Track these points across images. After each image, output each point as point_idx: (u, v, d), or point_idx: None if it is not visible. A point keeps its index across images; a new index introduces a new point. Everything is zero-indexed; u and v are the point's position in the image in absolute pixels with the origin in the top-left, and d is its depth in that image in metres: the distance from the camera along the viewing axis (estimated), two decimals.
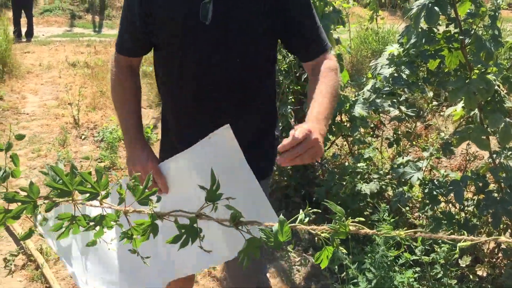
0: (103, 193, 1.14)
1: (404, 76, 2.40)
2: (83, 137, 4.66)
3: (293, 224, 1.01)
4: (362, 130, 2.93)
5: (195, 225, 1.02)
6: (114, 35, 9.87)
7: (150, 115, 5.32)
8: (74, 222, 1.14)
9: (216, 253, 1.26)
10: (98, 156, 4.20)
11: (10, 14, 10.73)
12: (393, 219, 2.38)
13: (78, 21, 11.30)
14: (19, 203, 1.08)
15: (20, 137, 1.44)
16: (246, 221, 1.04)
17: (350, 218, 0.96)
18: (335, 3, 3.34)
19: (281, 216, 0.99)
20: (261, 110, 1.55)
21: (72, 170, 1.16)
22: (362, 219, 0.82)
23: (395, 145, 3.08)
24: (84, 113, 5.17)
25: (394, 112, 2.52)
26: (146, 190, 1.13)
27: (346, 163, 3.01)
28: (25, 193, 1.13)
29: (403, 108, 2.52)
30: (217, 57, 1.41)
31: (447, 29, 2.07)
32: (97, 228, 1.17)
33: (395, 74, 2.31)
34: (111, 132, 4.48)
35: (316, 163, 3.46)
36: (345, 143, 3.33)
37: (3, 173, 1.17)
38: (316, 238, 1.00)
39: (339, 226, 0.95)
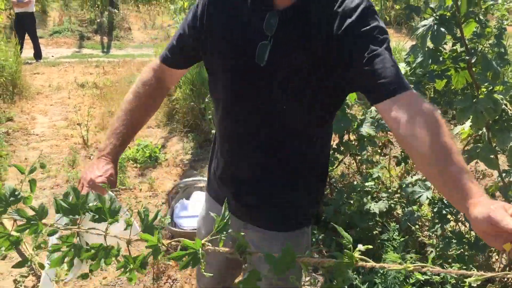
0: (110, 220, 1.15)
1: None
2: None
3: (298, 256, 1.00)
4: (370, 149, 2.94)
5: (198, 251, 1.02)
6: (122, 55, 10.00)
7: (158, 135, 5.36)
8: (72, 249, 1.12)
9: None
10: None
11: None
12: (402, 239, 2.37)
13: (86, 42, 11.45)
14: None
15: (43, 166, 1.45)
16: (252, 251, 1.04)
17: (357, 244, 0.96)
18: None
19: (288, 243, 0.99)
20: (294, 163, 1.42)
21: (87, 195, 1.17)
22: (370, 246, 0.82)
23: (403, 164, 3.07)
24: (93, 134, 5.22)
25: None
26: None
27: (355, 182, 3.01)
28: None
29: None
30: (260, 100, 1.32)
31: (454, 47, 2.08)
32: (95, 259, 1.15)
33: None
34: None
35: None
36: (353, 161, 3.33)
37: (16, 197, 1.18)
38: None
39: (345, 259, 0.94)
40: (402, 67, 2.59)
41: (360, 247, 1.02)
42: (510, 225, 0.81)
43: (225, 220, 1.07)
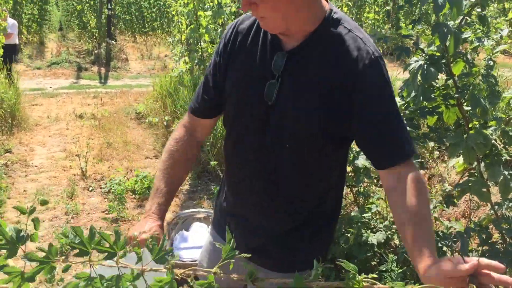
0: (120, 253, 1.21)
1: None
2: (90, 188, 4.73)
3: (308, 280, 1.07)
4: (366, 180, 3.00)
5: (212, 283, 1.08)
6: (120, 86, 10.13)
7: (156, 166, 5.40)
8: (90, 283, 1.20)
9: None
10: (105, 208, 4.26)
11: (18, 67, 11.05)
12: (400, 270, 2.41)
13: (84, 73, 11.59)
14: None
15: (44, 203, 1.51)
16: (263, 277, 1.10)
17: (362, 274, 1.02)
18: None
19: (297, 273, 1.05)
20: (297, 206, 1.44)
21: (91, 231, 1.24)
22: (375, 275, 0.88)
23: None
24: (92, 165, 5.26)
25: None
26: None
27: (352, 213, 3.06)
28: (44, 254, 1.20)
29: None
30: (267, 139, 1.36)
31: (447, 83, 2.16)
32: None
33: None
34: (119, 183, 4.55)
35: None
36: (349, 192, 3.38)
37: (23, 236, 1.24)
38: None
39: (352, 283, 1.01)
40: (397, 101, 2.68)
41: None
42: (463, 267, 0.97)
43: (231, 245, 1.13)
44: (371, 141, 1.27)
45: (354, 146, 3.49)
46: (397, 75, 7.39)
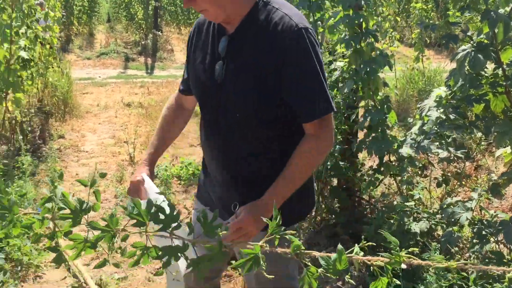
0: (174, 225, 1.29)
1: (452, 118, 2.47)
2: None
3: (350, 255, 1.12)
4: (410, 170, 2.99)
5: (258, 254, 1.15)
6: (165, 76, 10.36)
7: (201, 154, 5.53)
8: (146, 252, 1.30)
9: None
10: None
11: (69, 57, 11.48)
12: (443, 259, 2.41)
13: (131, 63, 11.90)
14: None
15: (103, 175, 1.63)
16: (306, 251, 1.16)
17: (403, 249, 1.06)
18: (381, 46, 3.48)
19: (339, 246, 1.10)
20: (264, 161, 1.62)
21: (149, 204, 1.32)
22: (416, 249, 0.92)
23: (444, 185, 3.11)
24: (139, 151, 5.45)
25: (443, 154, 2.58)
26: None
27: (395, 202, 3.07)
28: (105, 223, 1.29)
29: (451, 149, 2.58)
30: (221, 108, 1.59)
31: (495, 72, 2.14)
32: (165, 258, 1.32)
33: (443, 117, 2.39)
34: (166, 169, 4.70)
35: (365, 202, 3.52)
36: (393, 182, 3.38)
37: (86, 206, 1.34)
38: (371, 269, 1.10)
39: (393, 256, 1.06)
40: (443, 91, 2.66)
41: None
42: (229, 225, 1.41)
43: (277, 221, 1.19)
44: (293, 103, 1.49)
45: (398, 136, 3.48)
46: (444, 66, 7.24)
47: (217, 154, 1.66)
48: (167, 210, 1.25)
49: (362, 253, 1.13)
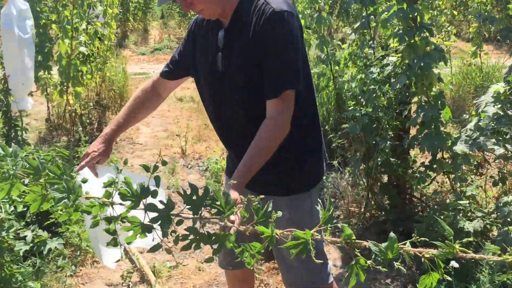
0: (227, 212, 1.33)
1: (510, 113, 2.38)
2: (189, 166, 5.03)
3: (401, 245, 1.11)
4: (464, 167, 2.91)
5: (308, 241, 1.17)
6: None
7: None
8: (198, 236, 1.34)
9: None
10: (203, 184, 4.51)
11: (124, 52, 11.84)
12: None
13: None
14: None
15: (164, 163, 1.71)
16: (357, 241, 1.17)
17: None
18: (436, 41, 3.39)
19: (392, 233, 1.10)
20: None
21: (206, 190, 1.37)
22: (471, 239, 0.90)
23: (500, 184, 3.00)
24: (190, 144, 5.57)
25: (499, 151, 2.50)
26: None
27: (448, 201, 3.00)
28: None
29: (509, 146, 2.49)
30: (224, 93, 1.77)
31: None
32: (216, 245, 1.36)
33: (501, 112, 2.31)
34: (216, 162, 4.78)
35: (416, 200, 3.46)
36: (446, 180, 3.30)
37: (146, 191, 1.40)
38: (421, 267, 1.09)
39: (447, 246, 1.04)
40: (502, 87, 2.57)
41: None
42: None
43: (330, 212, 1.21)
44: (265, 76, 1.64)
45: (453, 132, 3.39)
46: (504, 61, 6.94)
47: (224, 136, 1.91)
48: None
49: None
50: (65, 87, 4.58)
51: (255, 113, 1.73)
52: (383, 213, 3.45)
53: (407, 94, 3.18)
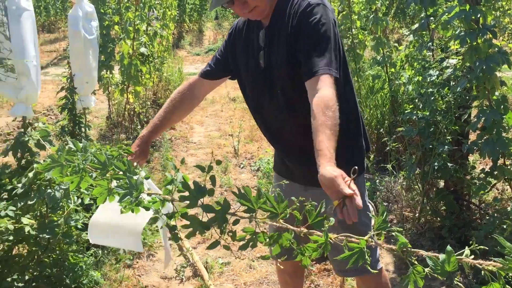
0: (281, 214, 1.36)
1: None
2: (241, 166, 5.10)
3: (459, 257, 1.10)
4: None
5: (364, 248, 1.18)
6: None
7: None
8: (255, 236, 1.38)
9: None
10: (255, 184, 4.57)
11: (180, 53, 12.12)
12: None
13: None
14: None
15: (219, 163, 1.76)
16: (413, 250, 1.16)
17: None
18: (499, 43, 3.27)
19: (449, 247, 1.09)
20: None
21: (259, 192, 1.41)
22: None
23: None
24: (243, 144, 5.65)
25: None
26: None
27: (508, 208, 2.89)
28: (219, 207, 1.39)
29: None
30: (267, 89, 1.86)
31: None
32: (275, 245, 1.39)
33: None
34: (268, 162, 4.83)
35: (474, 206, 3.35)
36: (507, 187, 3.18)
37: (202, 191, 1.45)
38: (479, 275, 1.08)
39: (508, 262, 1.03)
40: None
41: None
42: (345, 190, 1.32)
43: (384, 217, 1.21)
44: (302, 61, 1.69)
45: None
46: None
47: (268, 131, 1.99)
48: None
49: (472, 257, 1.10)
50: (126, 86, 4.76)
51: (296, 106, 1.82)
52: (438, 219, 3.37)
53: (467, 98, 3.09)
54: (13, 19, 2.46)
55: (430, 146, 3.18)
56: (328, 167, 1.39)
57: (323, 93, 1.59)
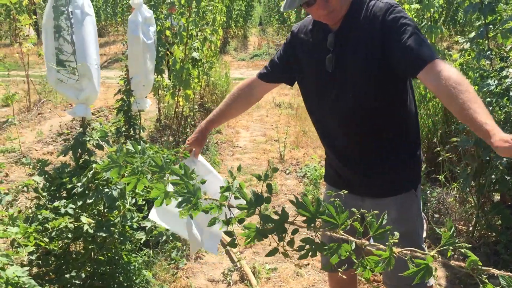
0: (342, 225, 1.34)
1: None
2: (287, 171, 5.08)
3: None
4: None
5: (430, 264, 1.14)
6: None
7: None
8: (314, 247, 1.37)
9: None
10: (301, 190, 4.55)
11: (225, 58, 12.25)
12: None
13: None
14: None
15: (275, 170, 1.77)
16: (484, 268, 1.12)
17: None
18: None
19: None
20: (377, 138, 1.86)
21: (317, 202, 1.39)
22: None
23: None
24: (288, 150, 5.64)
25: None
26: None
27: None
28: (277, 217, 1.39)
29: None
30: (334, 93, 1.82)
31: None
32: (334, 256, 1.38)
33: None
34: (315, 169, 4.80)
35: None
36: None
37: (260, 199, 1.45)
38: None
39: None
40: None
41: None
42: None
43: (452, 232, 1.18)
44: (402, 57, 1.63)
45: None
46: None
47: (327, 137, 1.98)
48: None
49: None
50: (177, 90, 4.84)
51: (365, 113, 1.80)
52: (493, 233, 3.25)
53: None
54: (77, 24, 2.55)
55: (487, 158, 3.07)
56: (501, 135, 1.34)
57: (449, 72, 1.53)
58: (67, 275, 2.31)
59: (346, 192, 1.75)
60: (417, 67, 1.60)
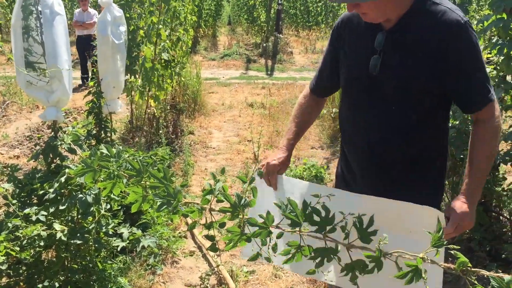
0: (329, 228, 1.32)
1: None
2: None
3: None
4: None
5: (419, 266, 1.14)
6: (285, 78, 10.54)
7: (322, 156, 5.56)
8: (299, 250, 1.35)
9: None
10: None
11: (196, 58, 12.13)
12: None
13: (252, 65, 12.28)
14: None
15: (260, 174, 1.74)
16: (474, 269, 1.12)
17: None
18: None
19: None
20: (409, 156, 1.70)
21: (304, 205, 1.37)
22: None
23: None
24: (262, 150, 5.61)
25: None
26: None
27: None
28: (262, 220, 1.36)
29: None
30: (368, 96, 1.68)
31: None
32: (318, 259, 1.36)
33: None
34: (291, 169, 4.78)
35: (504, 219, 3.28)
36: None
37: (244, 202, 1.42)
38: None
39: None
40: None
41: None
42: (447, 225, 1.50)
43: (440, 234, 1.17)
44: (461, 91, 1.58)
45: None
46: None
47: (351, 141, 1.80)
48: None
49: None
50: (147, 90, 4.75)
51: (397, 123, 1.65)
52: (467, 231, 3.30)
53: (500, 107, 3.03)
54: (47, 24, 2.45)
55: (461, 156, 3.12)
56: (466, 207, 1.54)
57: (493, 124, 1.59)
58: (39, 285, 2.22)
59: (333, 195, 1.64)
60: (475, 109, 1.60)
